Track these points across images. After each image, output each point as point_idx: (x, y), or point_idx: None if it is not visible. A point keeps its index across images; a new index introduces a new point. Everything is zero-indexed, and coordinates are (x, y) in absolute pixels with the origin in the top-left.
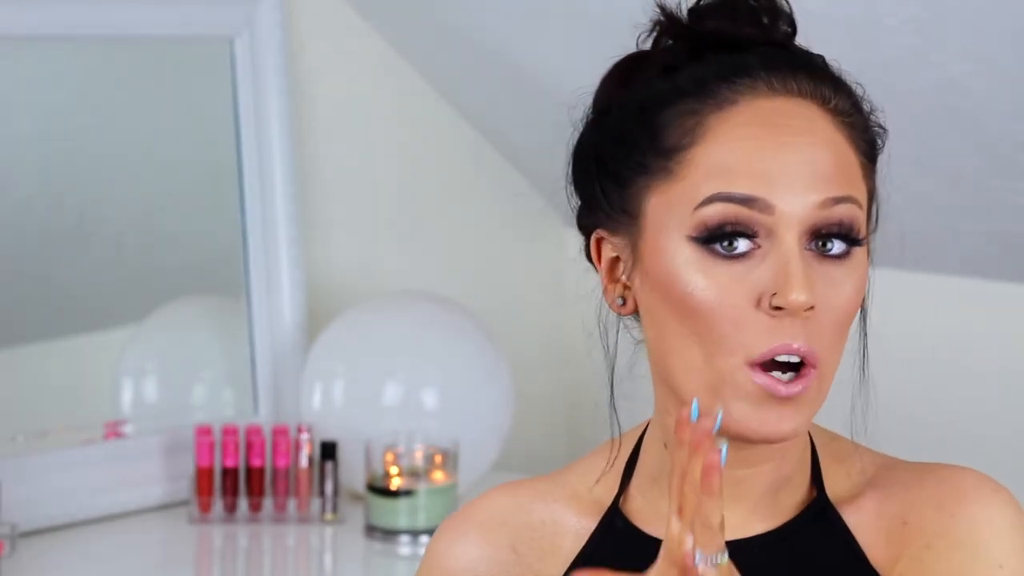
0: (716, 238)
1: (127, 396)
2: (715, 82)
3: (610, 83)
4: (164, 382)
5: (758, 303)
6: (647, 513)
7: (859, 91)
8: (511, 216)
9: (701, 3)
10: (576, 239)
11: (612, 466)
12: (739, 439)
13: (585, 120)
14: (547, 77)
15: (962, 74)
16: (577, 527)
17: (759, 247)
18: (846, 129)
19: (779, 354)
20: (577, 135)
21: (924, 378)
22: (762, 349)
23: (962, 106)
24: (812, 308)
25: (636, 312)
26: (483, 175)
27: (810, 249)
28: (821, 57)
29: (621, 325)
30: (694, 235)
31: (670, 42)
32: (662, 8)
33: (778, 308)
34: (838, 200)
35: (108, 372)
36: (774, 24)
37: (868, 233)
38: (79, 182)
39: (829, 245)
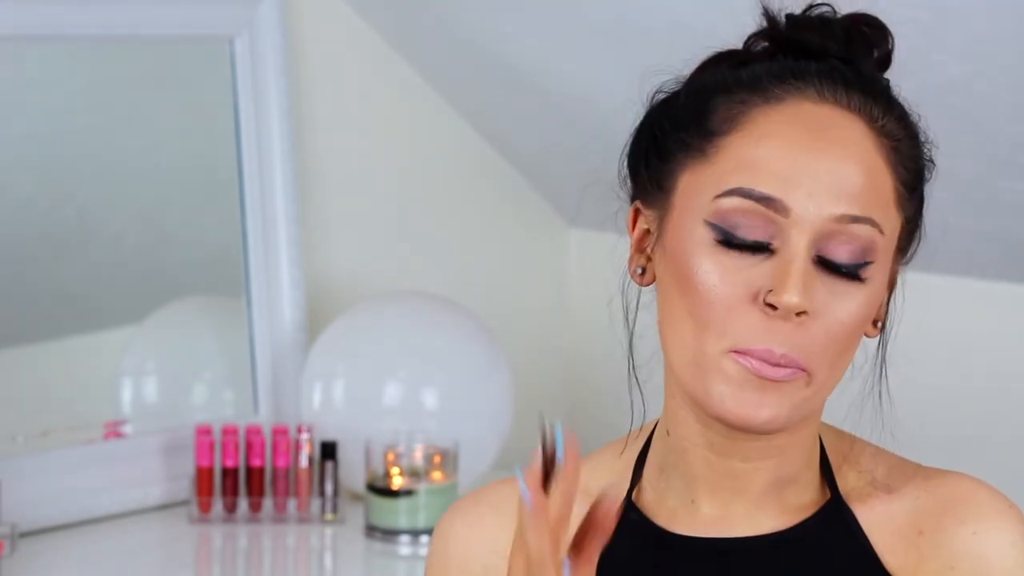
0: (730, 227)
1: (127, 396)
2: (769, 79)
3: (699, 70)
4: (164, 382)
5: (755, 298)
6: (656, 506)
7: (916, 119)
8: (511, 216)
9: (800, 14)
10: (576, 239)
11: (622, 454)
12: (720, 422)
13: (652, 98)
14: (547, 78)
15: (962, 74)
16: None
17: (770, 244)
18: (889, 152)
19: (759, 357)
20: (644, 111)
21: (924, 378)
22: (747, 344)
23: (962, 106)
24: (805, 313)
25: (652, 284)
26: (483, 175)
27: (820, 262)
28: (886, 80)
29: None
30: (710, 221)
31: (764, 44)
32: (766, 11)
33: (771, 306)
34: (856, 219)
35: (108, 372)
36: (863, 56)
37: (899, 261)
38: (79, 182)
39: (840, 264)
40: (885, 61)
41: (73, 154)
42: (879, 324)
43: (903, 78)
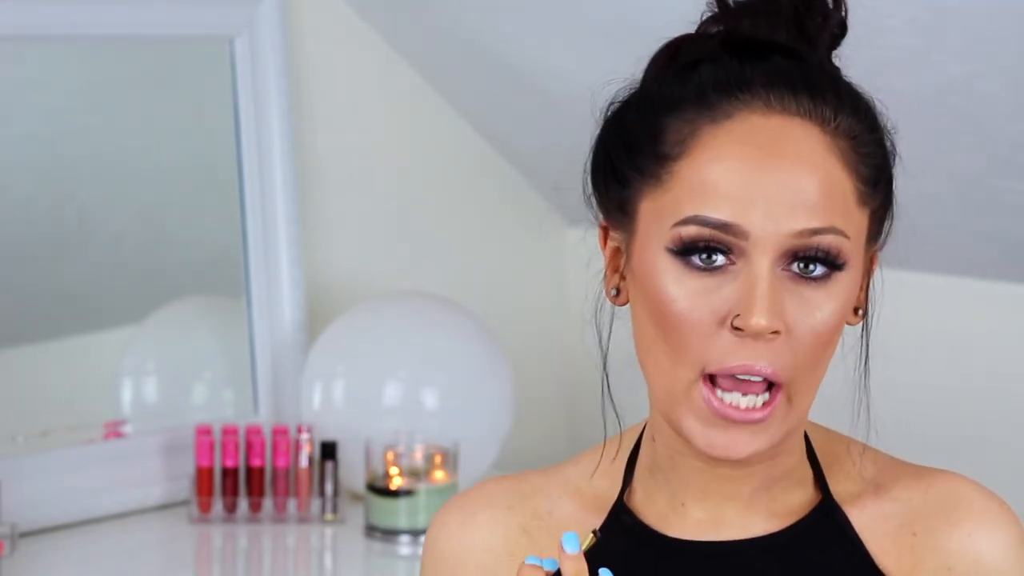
0: (692, 251)
1: (127, 396)
2: (714, 93)
3: (652, 66)
4: (164, 382)
5: (723, 322)
6: (647, 507)
7: (873, 108)
8: (511, 216)
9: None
10: (575, 239)
11: (615, 458)
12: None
13: (607, 110)
14: (547, 78)
15: (962, 74)
16: (581, 521)
17: (734, 263)
18: (846, 153)
19: (740, 373)
20: (600, 125)
21: (923, 378)
22: (721, 365)
23: (962, 106)
24: (776, 333)
25: (628, 303)
26: (483, 175)
27: (788, 270)
28: (836, 71)
29: (616, 316)
30: (671, 248)
31: (717, 29)
32: None
33: (740, 329)
34: (817, 231)
35: (108, 372)
36: (818, 28)
37: (871, 252)
38: (79, 182)
39: (812, 267)
40: (842, 27)
41: (73, 154)
42: (859, 311)
43: (903, 78)
